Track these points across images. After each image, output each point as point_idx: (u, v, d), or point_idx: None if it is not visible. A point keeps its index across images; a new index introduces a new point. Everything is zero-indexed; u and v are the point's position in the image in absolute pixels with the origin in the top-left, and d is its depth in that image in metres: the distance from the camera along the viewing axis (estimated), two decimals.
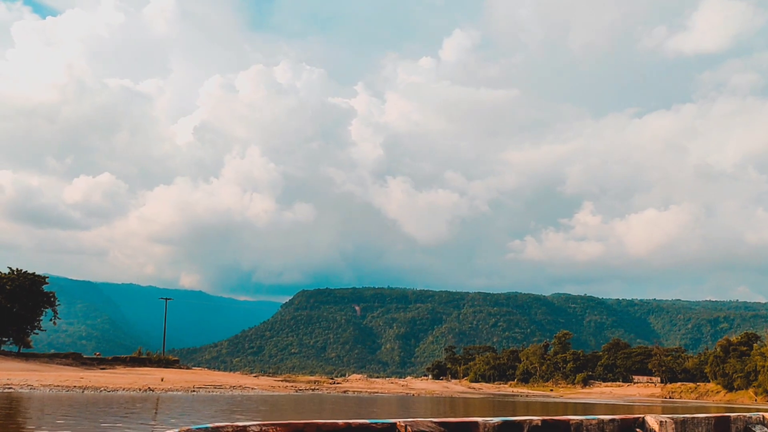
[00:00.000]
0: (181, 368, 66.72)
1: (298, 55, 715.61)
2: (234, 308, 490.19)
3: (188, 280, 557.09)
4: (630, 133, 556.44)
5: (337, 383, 76.36)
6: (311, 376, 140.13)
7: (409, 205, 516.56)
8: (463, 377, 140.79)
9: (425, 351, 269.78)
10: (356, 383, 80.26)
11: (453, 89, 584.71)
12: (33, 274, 67.71)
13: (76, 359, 60.25)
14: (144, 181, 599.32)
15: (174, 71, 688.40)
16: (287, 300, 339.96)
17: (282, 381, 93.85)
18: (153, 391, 38.21)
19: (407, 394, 63.35)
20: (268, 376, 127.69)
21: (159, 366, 61.66)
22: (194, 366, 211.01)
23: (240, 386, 46.82)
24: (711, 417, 10.25)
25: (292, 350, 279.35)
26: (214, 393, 40.57)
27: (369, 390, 63.82)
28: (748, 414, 10.80)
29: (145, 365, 61.38)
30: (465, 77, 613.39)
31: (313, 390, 56.13)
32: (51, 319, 68.93)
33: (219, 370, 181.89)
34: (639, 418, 9.65)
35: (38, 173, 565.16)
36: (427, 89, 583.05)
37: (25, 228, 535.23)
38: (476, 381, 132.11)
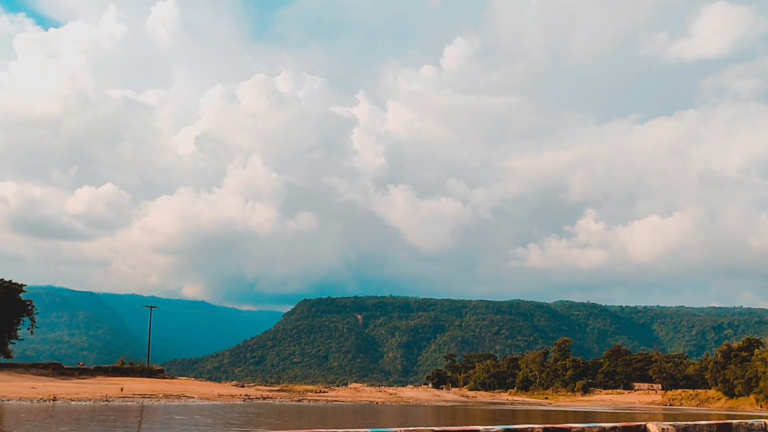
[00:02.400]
0: (165, 378, 65.45)
1: (299, 65, 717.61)
2: (237, 318, 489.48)
3: (191, 291, 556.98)
4: (633, 140, 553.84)
5: (323, 392, 74.93)
6: (312, 385, 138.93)
7: (411, 213, 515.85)
8: (463, 385, 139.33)
9: (428, 359, 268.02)
10: (342, 392, 78.79)
11: (454, 97, 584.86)
12: (9, 281, 66.45)
13: (56, 369, 59.32)
14: (147, 191, 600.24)
15: (176, 82, 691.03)
16: (290, 309, 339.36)
17: (279, 390, 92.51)
18: (56, 400, 36.95)
19: (370, 401, 61.68)
20: (266, 385, 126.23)
21: (142, 375, 60.52)
22: (194, 376, 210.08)
23: (178, 395, 45.35)
24: (713, 424, 10.38)
25: (294, 360, 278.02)
26: (130, 403, 38.87)
27: (329, 399, 61.83)
28: (750, 421, 10.82)
29: (128, 375, 60.23)
30: (466, 85, 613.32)
31: (264, 399, 54.21)
32: (28, 328, 67.33)
33: (221, 380, 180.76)
34: (641, 425, 9.81)
35: (41, 184, 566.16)
36: (429, 97, 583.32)
37: (29, 239, 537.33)
38: (476, 389, 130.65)
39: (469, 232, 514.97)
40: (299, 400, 55.52)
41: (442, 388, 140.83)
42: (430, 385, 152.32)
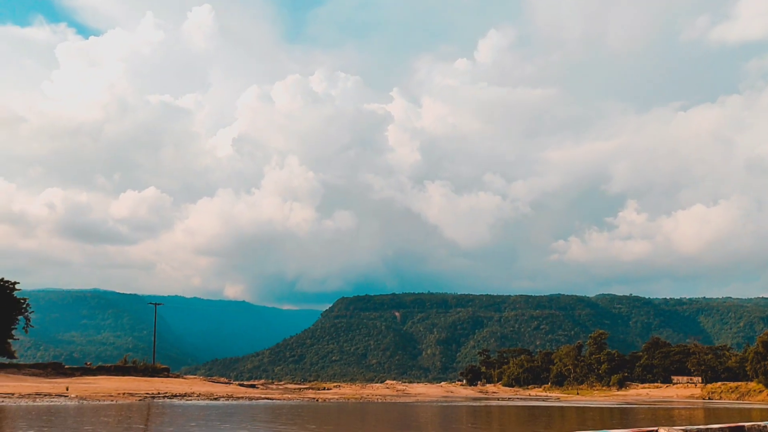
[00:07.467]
0: (169, 377, 65.21)
1: (333, 64, 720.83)
2: (278, 317, 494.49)
3: (233, 291, 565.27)
4: (675, 128, 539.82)
5: (326, 389, 73.92)
6: (352, 383, 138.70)
7: (449, 209, 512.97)
8: (497, 381, 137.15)
9: (467, 356, 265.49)
10: (345, 389, 77.60)
11: (490, 90, 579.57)
12: (1, 279, 65.71)
13: (55, 369, 59.86)
14: (187, 194, 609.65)
15: (212, 85, 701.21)
16: (328, 308, 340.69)
17: (308, 388, 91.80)
18: None
19: (315, 399, 60.07)
20: (294, 384, 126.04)
21: (144, 375, 60.47)
22: (235, 376, 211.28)
23: (58, 394, 44.45)
24: (725, 427, 10.42)
25: (333, 358, 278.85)
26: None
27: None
28: (762, 423, 10.77)
29: (130, 374, 60.25)
30: (501, 77, 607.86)
31: (172, 398, 51.21)
32: (24, 327, 66.64)
33: (260, 379, 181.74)
34: (653, 430, 10.07)
35: (86, 190, 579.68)
36: (463, 91, 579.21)
37: (76, 244, 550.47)
38: (510, 385, 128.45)
39: (507, 227, 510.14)
40: (215, 398, 51.91)
41: (477, 384, 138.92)
42: (464, 381, 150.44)
